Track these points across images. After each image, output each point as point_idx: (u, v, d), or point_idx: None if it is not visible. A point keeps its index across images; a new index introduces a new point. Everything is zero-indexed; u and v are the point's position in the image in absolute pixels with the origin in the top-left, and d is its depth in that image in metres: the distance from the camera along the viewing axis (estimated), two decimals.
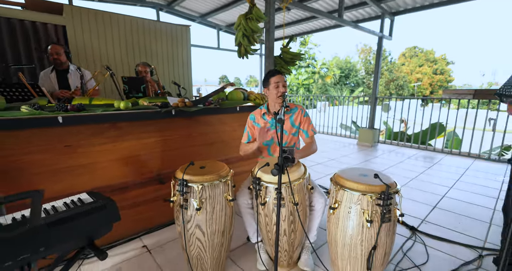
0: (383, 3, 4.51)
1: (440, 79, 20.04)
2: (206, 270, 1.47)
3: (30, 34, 3.07)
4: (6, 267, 0.77)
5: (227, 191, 1.41)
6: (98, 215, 0.98)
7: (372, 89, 5.41)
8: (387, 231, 1.25)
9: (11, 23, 2.95)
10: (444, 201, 2.64)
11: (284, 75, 1.67)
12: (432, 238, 1.98)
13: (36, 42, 3.12)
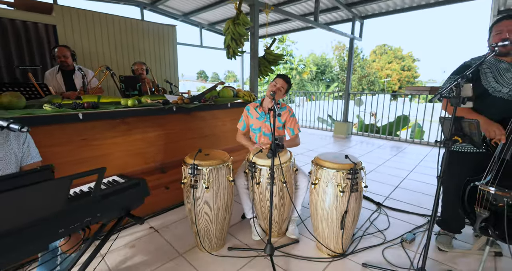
0: (354, 8, 4.97)
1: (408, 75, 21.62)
2: (211, 240, 1.77)
3: (21, 34, 3.09)
4: (76, 227, 1.02)
5: (229, 173, 1.71)
6: (134, 190, 1.24)
7: (345, 84, 5.92)
8: (355, 199, 1.63)
9: (2, 22, 2.96)
10: (404, 182, 3.14)
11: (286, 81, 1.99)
12: (393, 210, 2.42)
13: (27, 41, 3.14)
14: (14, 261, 0.92)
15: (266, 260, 1.71)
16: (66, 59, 2.67)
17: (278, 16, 5.78)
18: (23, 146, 1.24)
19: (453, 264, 1.68)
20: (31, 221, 0.88)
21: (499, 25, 1.48)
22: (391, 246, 1.87)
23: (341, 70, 21.84)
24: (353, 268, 1.65)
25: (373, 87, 21.94)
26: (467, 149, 1.63)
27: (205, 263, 1.70)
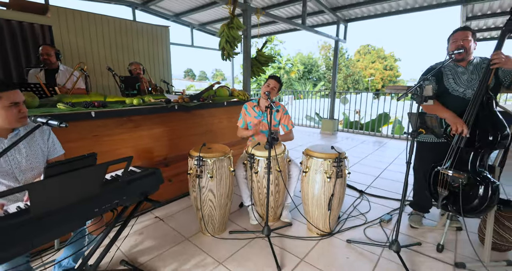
0: (338, 12, 5.27)
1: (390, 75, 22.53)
2: (214, 225, 1.98)
3: (17, 34, 3.13)
4: (106, 207, 1.20)
5: (230, 164, 1.93)
6: (151, 178, 1.43)
7: (331, 84, 6.24)
8: (340, 184, 1.89)
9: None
10: (384, 172, 3.46)
11: (278, 81, 2.22)
12: (374, 197, 2.72)
13: (23, 41, 3.19)
14: (62, 234, 1.11)
15: (263, 241, 1.93)
16: (49, 57, 2.69)
17: (268, 18, 6.01)
18: (48, 141, 1.40)
19: (422, 238, 1.98)
20: (77, 200, 1.07)
21: (454, 36, 1.77)
22: (371, 226, 2.15)
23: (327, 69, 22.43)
24: (339, 244, 1.91)
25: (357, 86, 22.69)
26: (431, 139, 1.92)
27: (210, 245, 1.91)
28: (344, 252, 1.83)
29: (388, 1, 4.66)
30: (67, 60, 3.59)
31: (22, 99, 1.23)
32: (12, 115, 1.18)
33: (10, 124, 1.20)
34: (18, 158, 1.26)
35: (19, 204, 1.11)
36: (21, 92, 1.24)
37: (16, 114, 1.19)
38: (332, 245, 1.91)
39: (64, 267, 1.48)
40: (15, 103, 1.18)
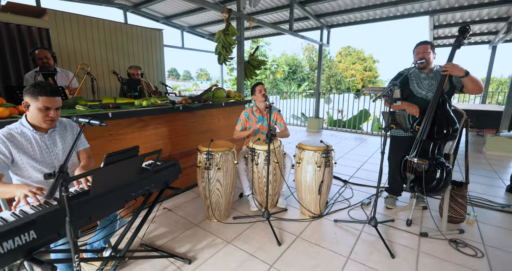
0: (322, 18, 5.68)
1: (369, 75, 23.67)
2: (221, 211, 2.26)
3: (15, 37, 3.21)
4: (139, 193, 1.44)
5: (233, 157, 2.21)
6: (172, 169, 1.68)
7: (316, 85, 6.65)
8: (328, 172, 2.23)
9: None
10: (365, 165, 3.87)
11: (263, 84, 2.52)
12: (356, 185, 3.10)
13: (21, 45, 3.27)
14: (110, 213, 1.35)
15: (264, 224, 2.24)
16: (48, 61, 2.75)
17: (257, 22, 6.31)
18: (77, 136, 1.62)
19: (395, 216, 2.37)
20: (122, 184, 1.32)
21: (417, 49, 2.16)
22: (354, 208, 2.52)
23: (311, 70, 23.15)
24: (327, 224, 2.26)
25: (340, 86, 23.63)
26: (401, 134, 2.31)
27: (217, 229, 2.18)
28: (332, 229, 2.17)
29: (366, 10, 5.12)
30: (64, 63, 3.70)
31: (56, 106, 1.38)
32: (40, 117, 1.34)
33: (38, 123, 1.37)
34: (56, 150, 1.47)
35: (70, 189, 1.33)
36: (59, 100, 1.42)
37: (43, 117, 1.35)
38: (322, 225, 2.25)
39: (95, 247, 1.70)
40: (47, 108, 1.35)
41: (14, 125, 1.37)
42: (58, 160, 1.47)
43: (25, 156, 1.34)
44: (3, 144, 1.28)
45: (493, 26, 6.14)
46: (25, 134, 1.36)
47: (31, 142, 1.37)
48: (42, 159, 1.40)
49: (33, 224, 0.99)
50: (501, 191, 2.93)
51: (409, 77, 2.24)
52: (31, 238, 0.98)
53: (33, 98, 1.31)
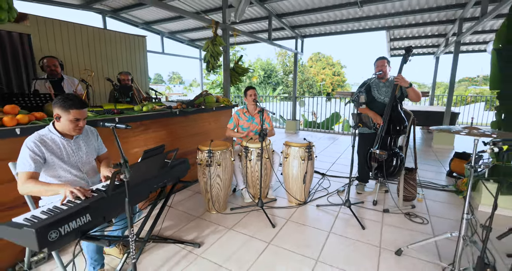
0: (296, 29, 6.23)
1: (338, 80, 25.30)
2: (220, 204, 2.57)
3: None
4: (159, 185, 1.72)
5: (231, 155, 2.54)
6: (183, 165, 1.97)
7: (292, 89, 7.19)
8: (311, 164, 2.65)
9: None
10: (338, 160, 4.41)
11: (254, 89, 2.89)
12: (332, 177, 3.58)
13: (1, 50, 3.23)
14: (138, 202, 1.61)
15: (258, 212, 2.58)
16: (56, 69, 2.91)
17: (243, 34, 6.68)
18: (98, 140, 1.84)
19: (364, 199, 2.86)
20: (149, 177, 1.59)
21: (377, 63, 2.69)
22: (331, 195, 2.98)
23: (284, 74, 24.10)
24: (311, 209, 2.67)
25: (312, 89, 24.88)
26: (366, 131, 2.83)
27: (218, 218, 2.48)
28: (315, 212, 2.60)
29: (334, 24, 5.76)
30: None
31: (84, 116, 1.59)
32: (71, 127, 1.54)
33: (69, 132, 1.57)
34: (80, 154, 1.67)
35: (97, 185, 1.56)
36: (86, 111, 1.64)
37: (74, 127, 1.55)
38: (307, 209, 2.66)
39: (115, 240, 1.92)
40: (77, 119, 1.55)
41: (43, 131, 1.54)
42: (81, 162, 1.67)
43: (56, 158, 1.53)
44: (37, 148, 1.46)
45: (435, 41, 7.18)
46: (54, 140, 1.55)
47: (60, 147, 1.56)
48: (68, 161, 1.59)
49: (88, 209, 1.23)
50: (443, 176, 3.61)
51: (371, 85, 2.76)
52: (87, 220, 1.22)
53: (64, 111, 1.49)
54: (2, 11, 1.73)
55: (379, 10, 5.20)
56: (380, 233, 2.22)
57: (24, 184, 1.39)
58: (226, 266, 1.81)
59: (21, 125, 1.71)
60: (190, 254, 1.95)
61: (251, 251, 1.98)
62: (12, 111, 1.71)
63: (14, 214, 1.74)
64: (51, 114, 2.00)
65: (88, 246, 1.58)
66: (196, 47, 8.17)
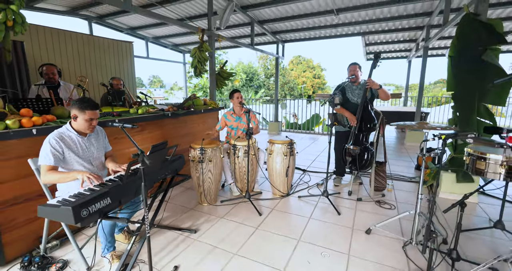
0: (277, 35, 6.60)
1: (318, 82, 26.22)
2: (211, 196, 2.80)
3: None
4: (161, 177, 1.94)
5: (220, 152, 2.79)
6: (180, 160, 2.19)
7: (274, 93, 7.54)
8: (292, 159, 2.96)
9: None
10: (318, 157, 4.77)
11: (240, 92, 3.16)
12: (312, 172, 3.92)
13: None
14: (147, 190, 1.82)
15: (246, 203, 2.84)
16: (54, 76, 3.06)
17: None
18: (105, 139, 2.04)
19: (340, 190, 3.21)
20: (156, 169, 1.81)
21: (350, 68, 3.05)
22: (311, 188, 3.30)
23: (266, 78, 24.63)
24: (293, 199, 2.97)
25: (293, 92, 25.59)
26: (341, 129, 3.19)
27: (209, 210, 2.72)
28: (297, 202, 2.90)
29: (313, 30, 6.19)
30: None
31: (97, 117, 1.80)
32: (86, 126, 1.76)
33: (83, 130, 1.79)
34: (92, 149, 1.88)
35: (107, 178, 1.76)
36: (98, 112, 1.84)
37: (88, 126, 1.77)
38: (289, 200, 2.96)
39: (120, 226, 2.11)
40: (91, 119, 1.77)
41: (62, 129, 1.75)
42: (93, 157, 1.87)
43: (72, 153, 1.73)
44: (57, 144, 1.66)
45: (407, 45, 7.86)
46: (71, 137, 1.75)
47: (76, 143, 1.77)
48: (83, 156, 1.80)
49: (108, 193, 1.45)
50: (412, 169, 4.06)
51: (345, 88, 3.13)
52: (108, 203, 1.44)
53: (81, 112, 1.71)
54: (17, 25, 1.88)
55: (354, 18, 5.68)
56: (353, 218, 2.55)
57: (45, 174, 1.58)
58: (221, 247, 2.05)
59: (36, 127, 1.87)
60: (188, 238, 2.17)
61: (241, 234, 2.23)
62: (27, 114, 1.87)
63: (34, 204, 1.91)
64: (59, 116, 2.17)
65: (104, 228, 1.77)
66: (179, 52, 8.33)
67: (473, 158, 1.72)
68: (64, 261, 1.85)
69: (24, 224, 1.91)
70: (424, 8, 5.09)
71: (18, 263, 1.82)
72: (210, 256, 1.96)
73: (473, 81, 2.69)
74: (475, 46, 2.69)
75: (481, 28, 2.65)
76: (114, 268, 1.78)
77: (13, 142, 1.81)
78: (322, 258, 1.93)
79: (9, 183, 1.81)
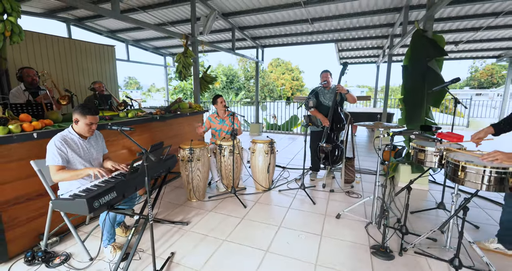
0: (257, 40, 6.94)
1: (296, 84, 27.08)
2: (200, 193, 3.04)
3: None
4: (156, 174, 2.16)
5: (207, 152, 3.04)
6: (172, 159, 2.42)
7: (255, 95, 7.87)
8: (273, 157, 3.28)
9: None
10: (296, 156, 5.16)
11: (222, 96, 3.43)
12: (291, 169, 4.28)
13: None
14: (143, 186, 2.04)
15: (232, 198, 3.11)
16: (35, 78, 3.10)
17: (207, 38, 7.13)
18: (103, 142, 2.23)
19: (316, 184, 3.59)
20: (154, 166, 2.03)
21: (322, 74, 3.44)
22: (290, 183, 3.65)
23: (246, 80, 24.97)
24: (274, 193, 3.30)
25: (272, 94, 26.18)
26: (316, 129, 3.57)
27: (199, 205, 2.96)
28: (278, 195, 3.23)
29: (290, 37, 6.60)
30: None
31: (96, 121, 1.99)
32: (86, 129, 1.94)
33: (84, 133, 1.98)
34: (92, 151, 2.06)
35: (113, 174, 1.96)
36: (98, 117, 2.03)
37: (88, 130, 1.95)
38: (271, 194, 3.28)
39: (118, 221, 2.29)
40: (91, 123, 1.96)
41: (65, 132, 1.92)
42: (92, 158, 2.05)
43: (75, 154, 1.91)
44: (62, 145, 1.84)
45: (376, 52, 8.56)
46: (73, 139, 1.93)
47: (77, 145, 1.94)
48: (84, 156, 1.98)
49: (114, 188, 1.66)
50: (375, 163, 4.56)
51: (318, 93, 3.51)
52: (114, 196, 1.66)
53: (82, 116, 1.89)
54: (14, 35, 2.01)
55: (327, 26, 6.17)
56: (326, 206, 2.92)
57: (56, 174, 1.75)
58: (211, 235, 2.31)
59: (37, 131, 2.02)
60: (181, 230, 2.40)
61: (229, 224, 2.51)
62: (26, 119, 2.01)
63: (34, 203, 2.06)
64: (55, 121, 2.32)
65: (107, 220, 1.96)
66: (160, 55, 8.39)
67: (416, 150, 2.14)
68: (67, 254, 2.01)
69: (25, 222, 2.04)
70: (388, 20, 5.69)
71: (22, 259, 1.95)
72: (203, 243, 2.21)
73: (421, 87, 3.18)
74: (423, 58, 3.19)
75: (427, 42, 3.16)
76: (116, 257, 1.98)
77: (14, 145, 1.94)
78: (299, 239, 2.26)
79: (11, 184, 1.95)
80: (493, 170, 1.53)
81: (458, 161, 1.63)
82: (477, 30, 5.97)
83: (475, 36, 6.55)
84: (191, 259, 2.00)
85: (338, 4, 4.86)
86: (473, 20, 5.50)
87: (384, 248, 2.02)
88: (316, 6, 4.90)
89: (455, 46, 7.25)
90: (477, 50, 7.88)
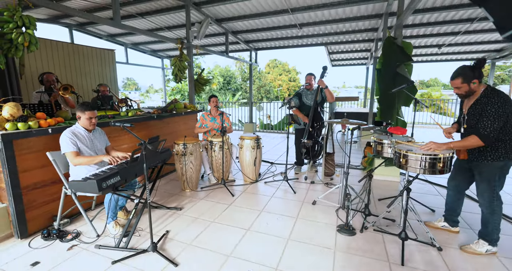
0: (250, 43, 7.30)
1: (293, 85, 27.45)
2: (193, 183, 3.39)
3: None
4: (154, 164, 2.50)
5: (200, 147, 3.39)
6: (168, 152, 2.77)
7: (249, 96, 8.22)
8: (259, 152, 3.64)
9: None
10: (285, 153, 5.51)
11: (216, 97, 3.79)
12: (279, 164, 4.64)
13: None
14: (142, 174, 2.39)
15: (221, 189, 3.46)
16: (55, 83, 3.44)
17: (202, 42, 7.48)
18: (105, 136, 2.58)
19: (299, 176, 3.95)
20: (152, 156, 2.38)
21: (306, 77, 3.80)
22: (276, 176, 4.01)
23: (243, 81, 25.36)
24: (261, 185, 3.65)
25: (269, 95, 26.56)
26: (299, 127, 3.93)
27: (192, 194, 3.31)
28: (264, 186, 3.58)
29: (282, 40, 6.97)
30: (28, 83, 4.12)
31: (95, 116, 2.35)
32: (88, 123, 2.30)
33: (87, 127, 2.33)
34: (96, 142, 2.40)
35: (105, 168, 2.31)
36: (96, 112, 2.38)
37: (89, 123, 2.31)
38: (258, 185, 3.63)
39: (120, 205, 2.64)
40: (91, 117, 2.32)
41: (73, 128, 2.27)
42: (97, 148, 2.40)
43: (83, 144, 2.26)
44: (72, 137, 2.19)
45: (364, 54, 8.95)
46: (80, 133, 2.28)
47: (84, 137, 2.29)
48: (90, 147, 2.33)
49: (118, 173, 2.02)
50: (359, 159, 4.94)
51: (302, 94, 3.88)
52: (117, 180, 2.01)
53: (82, 112, 2.26)
54: (31, 45, 2.36)
55: (316, 31, 6.54)
56: (305, 195, 3.28)
57: (74, 159, 2.12)
58: (201, 218, 2.67)
59: (51, 127, 2.36)
60: (175, 214, 2.76)
61: (218, 209, 2.86)
62: (42, 117, 2.36)
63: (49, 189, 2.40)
64: (65, 118, 2.67)
65: (112, 201, 2.31)
66: (158, 57, 8.73)
67: (376, 143, 2.50)
68: (77, 231, 2.35)
69: (41, 205, 2.39)
70: (372, 25, 6.07)
71: (39, 235, 2.30)
72: (194, 224, 2.56)
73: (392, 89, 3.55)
74: (394, 62, 3.56)
75: (397, 49, 3.53)
76: (118, 232, 2.33)
77: (33, 139, 2.29)
78: (277, 221, 2.62)
79: (30, 172, 2.29)
80: (427, 156, 1.89)
81: (401, 150, 1.99)
82: (456, 35, 6.37)
83: (456, 39, 6.95)
84: (184, 235, 2.35)
85: (324, 11, 5.24)
86: (451, 25, 5.89)
87: (347, 226, 2.38)
88: (303, 12, 5.26)
89: (438, 49, 7.65)
90: (460, 53, 8.29)
